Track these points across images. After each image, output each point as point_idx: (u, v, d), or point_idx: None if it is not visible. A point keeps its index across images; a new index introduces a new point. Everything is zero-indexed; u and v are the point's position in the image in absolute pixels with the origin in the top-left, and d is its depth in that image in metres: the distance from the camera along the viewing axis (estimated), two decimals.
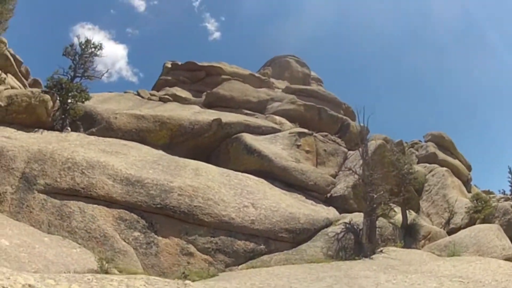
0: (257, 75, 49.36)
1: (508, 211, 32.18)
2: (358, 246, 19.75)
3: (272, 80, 49.94)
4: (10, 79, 40.37)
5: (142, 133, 27.10)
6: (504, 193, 52.55)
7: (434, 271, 14.26)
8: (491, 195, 56.15)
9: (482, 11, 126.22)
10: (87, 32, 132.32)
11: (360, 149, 23.76)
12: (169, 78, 45.78)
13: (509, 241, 23.79)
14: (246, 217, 19.42)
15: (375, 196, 20.72)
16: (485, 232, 23.61)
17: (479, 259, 16.07)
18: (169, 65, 48.31)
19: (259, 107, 39.78)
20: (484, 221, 29.84)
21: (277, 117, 36.58)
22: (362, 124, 25.17)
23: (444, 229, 31.05)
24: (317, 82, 56.65)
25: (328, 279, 13.47)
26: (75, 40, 28.22)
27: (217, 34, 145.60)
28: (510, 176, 45.17)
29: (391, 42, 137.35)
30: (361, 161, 23.94)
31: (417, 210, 32.64)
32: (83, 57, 27.71)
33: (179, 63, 48.39)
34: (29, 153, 19.53)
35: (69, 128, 25.45)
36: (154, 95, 39.40)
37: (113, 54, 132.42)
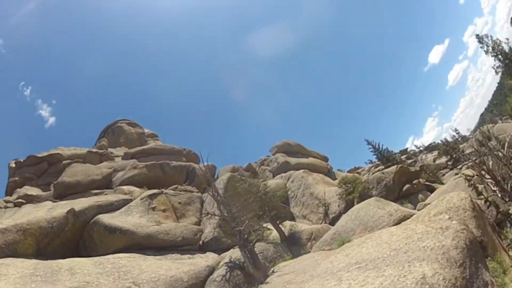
0: (94, 150, 49.64)
1: (381, 178, 33.92)
2: (249, 277, 20.21)
3: (110, 150, 50.78)
4: None
5: (12, 247, 25.05)
6: (371, 162, 57.04)
7: (329, 268, 13.33)
8: (360, 170, 59.94)
9: None
10: None
11: (210, 191, 24.23)
12: (17, 178, 44.90)
13: (394, 204, 23.44)
14: None
15: (242, 228, 21.12)
16: (365, 208, 22.80)
17: (369, 237, 15.03)
18: (13, 165, 47.62)
19: (105, 183, 39.83)
20: (362, 198, 30.26)
21: (125, 187, 36.94)
22: (206, 164, 25.87)
23: (325, 222, 32.23)
24: (153, 138, 58.71)
25: None
26: None
27: (52, 120, 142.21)
28: (370, 146, 47.60)
29: None
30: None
31: (291, 218, 34.46)
32: None
33: (22, 160, 47.64)
34: None
35: None
36: (9, 201, 37.60)
37: None
